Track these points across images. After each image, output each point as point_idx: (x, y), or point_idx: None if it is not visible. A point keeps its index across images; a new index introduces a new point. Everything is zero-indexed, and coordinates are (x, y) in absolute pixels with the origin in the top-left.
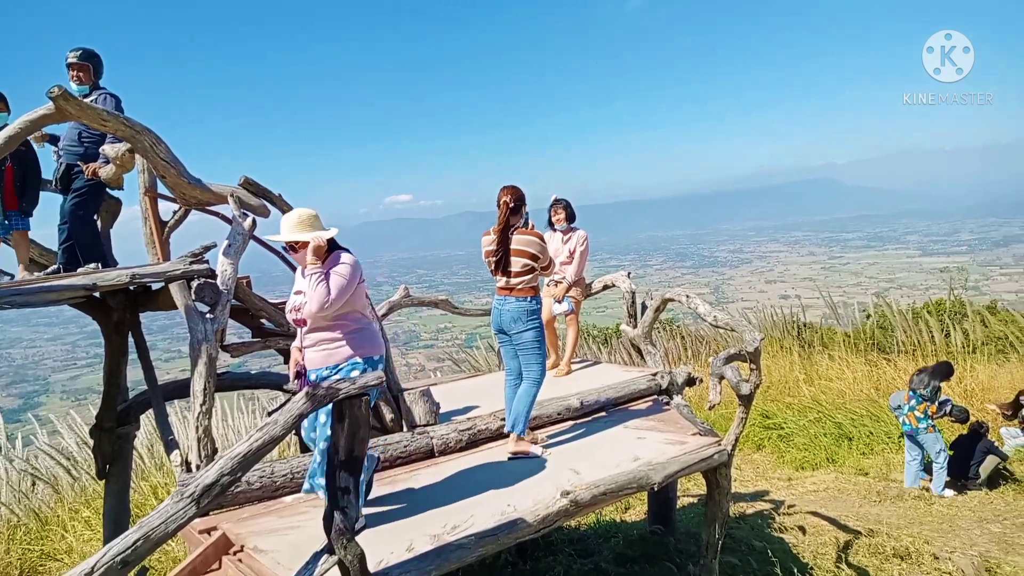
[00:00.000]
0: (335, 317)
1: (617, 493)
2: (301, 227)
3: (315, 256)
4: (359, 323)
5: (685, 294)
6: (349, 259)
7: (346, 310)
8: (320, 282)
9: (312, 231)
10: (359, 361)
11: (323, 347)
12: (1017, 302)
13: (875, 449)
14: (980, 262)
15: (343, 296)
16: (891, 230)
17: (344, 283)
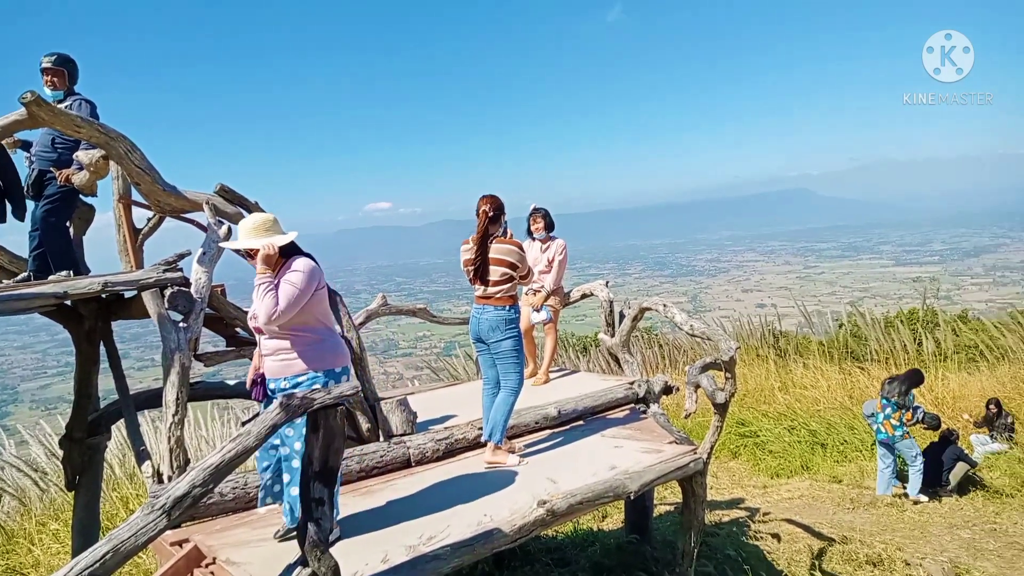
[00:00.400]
0: (291, 327)
1: (594, 502)
2: (255, 233)
3: (265, 264)
4: (317, 333)
5: (662, 303)
6: (303, 265)
7: (302, 319)
8: (268, 292)
9: (267, 237)
10: (319, 375)
11: (280, 357)
12: (987, 311)
13: (849, 457)
14: (952, 272)
15: (294, 306)
16: (865, 240)
17: (296, 292)
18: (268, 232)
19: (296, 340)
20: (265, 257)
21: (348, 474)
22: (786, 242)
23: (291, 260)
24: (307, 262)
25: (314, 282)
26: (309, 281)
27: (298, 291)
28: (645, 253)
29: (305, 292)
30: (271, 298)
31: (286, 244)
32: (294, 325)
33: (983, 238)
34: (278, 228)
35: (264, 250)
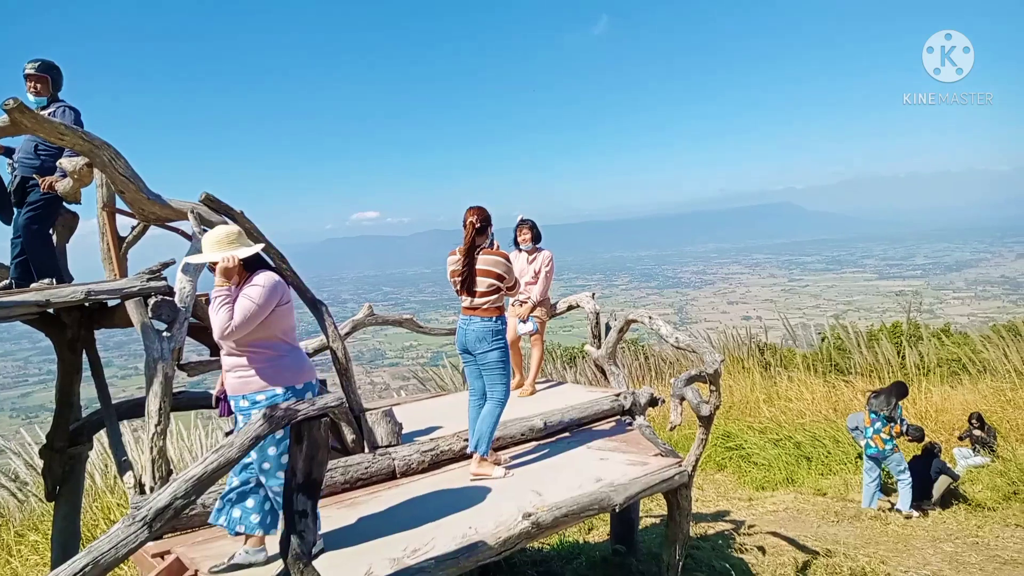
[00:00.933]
0: (249, 342)
1: (579, 515)
2: (217, 246)
3: (223, 277)
4: (277, 349)
5: (648, 315)
6: (263, 279)
7: (262, 335)
8: (223, 306)
9: (230, 250)
10: (278, 392)
11: (238, 374)
12: (969, 325)
13: (833, 469)
14: (934, 286)
15: (251, 321)
16: (849, 254)
17: (253, 307)
18: (231, 245)
19: (254, 357)
20: (224, 270)
21: (332, 486)
22: (771, 255)
23: (253, 274)
24: (269, 276)
25: (275, 297)
26: (269, 296)
27: (256, 306)
28: (632, 265)
29: (264, 307)
30: (226, 312)
31: (250, 257)
32: (252, 341)
33: (964, 253)
34: (243, 241)
35: (223, 263)
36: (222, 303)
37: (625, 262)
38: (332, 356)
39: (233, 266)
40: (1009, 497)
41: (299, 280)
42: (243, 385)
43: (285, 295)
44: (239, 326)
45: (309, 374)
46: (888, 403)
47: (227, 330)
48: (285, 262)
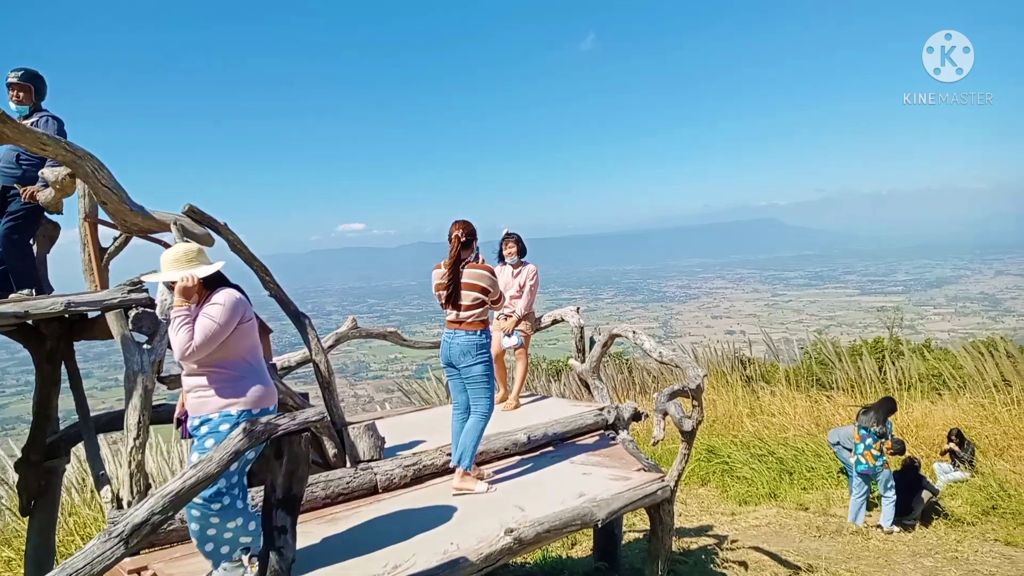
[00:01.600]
0: (209, 362)
1: (561, 530)
2: (176, 265)
3: (182, 296)
4: (236, 369)
5: (632, 330)
6: (224, 298)
7: (222, 354)
8: (183, 326)
9: (189, 268)
10: (231, 413)
11: (197, 394)
12: (950, 341)
13: (815, 484)
14: (915, 302)
15: (213, 340)
16: (831, 269)
17: (214, 326)
18: (190, 263)
19: (213, 376)
20: (183, 289)
21: (313, 501)
22: (755, 270)
23: (213, 292)
24: (230, 294)
25: (236, 315)
26: (230, 314)
27: (216, 325)
28: (617, 278)
29: (225, 326)
30: (185, 332)
31: (211, 276)
32: (213, 361)
33: (945, 269)
34: (203, 259)
35: (181, 281)
36: (181, 323)
37: (610, 276)
38: (315, 369)
39: (192, 285)
40: (988, 512)
41: (282, 293)
42: (200, 405)
43: (247, 313)
44: (200, 346)
45: (267, 399)
46: (879, 419)
47: (188, 350)
48: (268, 275)
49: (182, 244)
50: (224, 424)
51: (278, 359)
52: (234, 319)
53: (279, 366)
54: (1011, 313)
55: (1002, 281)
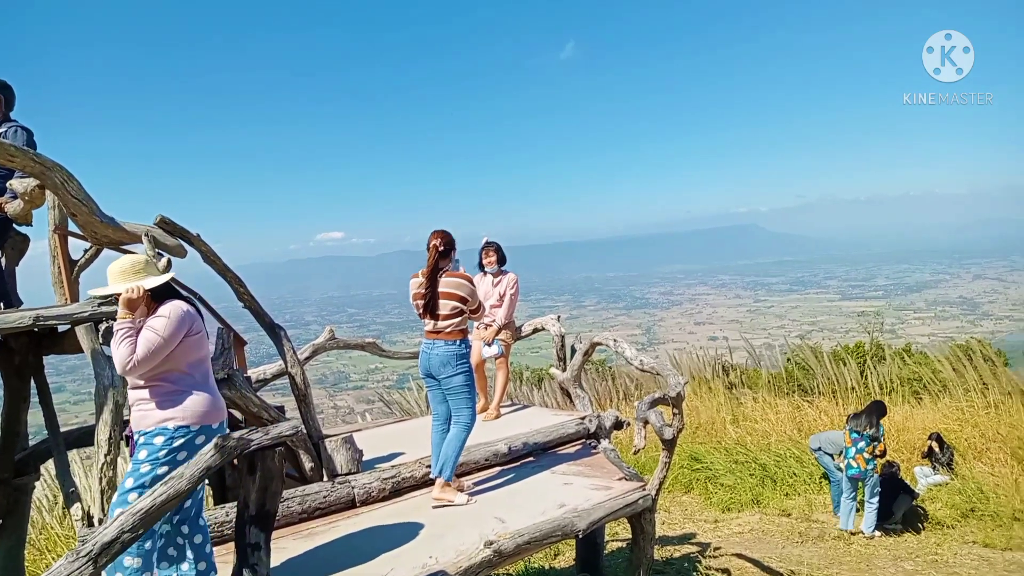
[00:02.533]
0: (153, 376)
1: (542, 541)
2: (123, 277)
3: (127, 308)
4: (180, 384)
5: (612, 338)
6: (169, 310)
7: (166, 368)
8: (125, 339)
9: (136, 280)
10: (168, 428)
11: (139, 407)
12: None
13: (797, 490)
14: (896, 307)
15: (156, 354)
16: (812, 275)
17: (158, 340)
18: (137, 275)
19: (155, 390)
20: (127, 301)
21: (289, 516)
22: (736, 276)
23: (163, 303)
24: (176, 306)
25: (183, 328)
26: (176, 327)
27: (160, 339)
28: (600, 285)
29: (169, 339)
30: (127, 346)
31: (160, 288)
32: (157, 374)
33: (924, 274)
34: (151, 270)
35: (126, 293)
36: (124, 336)
37: (593, 283)
38: (291, 382)
39: (137, 297)
40: (967, 515)
41: (256, 304)
42: (141, 419)
43: (195, 325)
44: (142, 360)
45: (214, 415)
46: (871, 423)
47: (129, 364)
48: (243, 286)
49: (129, 255)
50: (158, 437)
51: (254, 371)
52: (179, 332)
53: (255, 378)
54: (989, 317)
55: (980, 285)
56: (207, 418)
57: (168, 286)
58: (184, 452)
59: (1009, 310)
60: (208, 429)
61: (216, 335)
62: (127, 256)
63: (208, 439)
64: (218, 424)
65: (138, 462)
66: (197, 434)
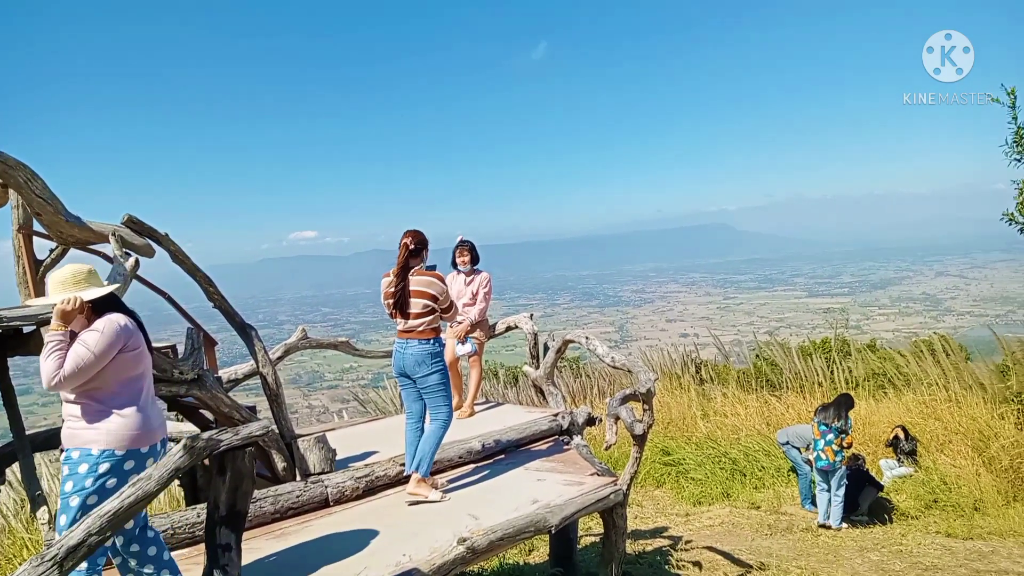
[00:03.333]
0: (84, 392)
1: (515, 538)
2: (63, 287)
3: (61, 320)
4: (109, 403)
5: (585, 336)
6: (103, 324)
7: (96, 384)
8: (53, 353)
9: (76, 291)
10: (92, 453)
11: (69, 424)
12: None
13: (766, 483)
14: (861, 303)
15: (85, 370)
16: (780, 272)
17: (88, 355)
18: (78, 285)
19: (84, 408)
20: (61, 312)
21: (262, 516)
22: (707, 274)
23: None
24: (112, 320)
25: (117, 343)
26: (108, 342)
27: (91, 354)
28: (573, 283)
29: (101, 355)
30: (55, 360)
31: (101, 300)
32: (86, 391)
33: (888, 271)
34: (94, 281)
35: (60, 304)
36: (53, 349)
37: (566, 281)
38: (262, 382)
39: (72, 308)
40: (930, 506)
41: (227, 304)
42: (70, 437)
43: (133, 340)
44: (69, 376)
45: (145, 437)
46: (839, 415)
47: (55, 380)
48: (212, 285)
49: (71, 265)
50: (82, 465)
51: (225, 371)
52: (112, 348)
53: (226, 378)
54: (951, 313)
55: (942, 282)
56: (136, 441)
57: (112, 298)
58: (112, 479)
59: (970, 306)
60: (136, 454)
61: (186, 335)
62: (69, 266)
63: (138, 464)
64: (148, 448)
65: (66, 495)
66: (124, 459)
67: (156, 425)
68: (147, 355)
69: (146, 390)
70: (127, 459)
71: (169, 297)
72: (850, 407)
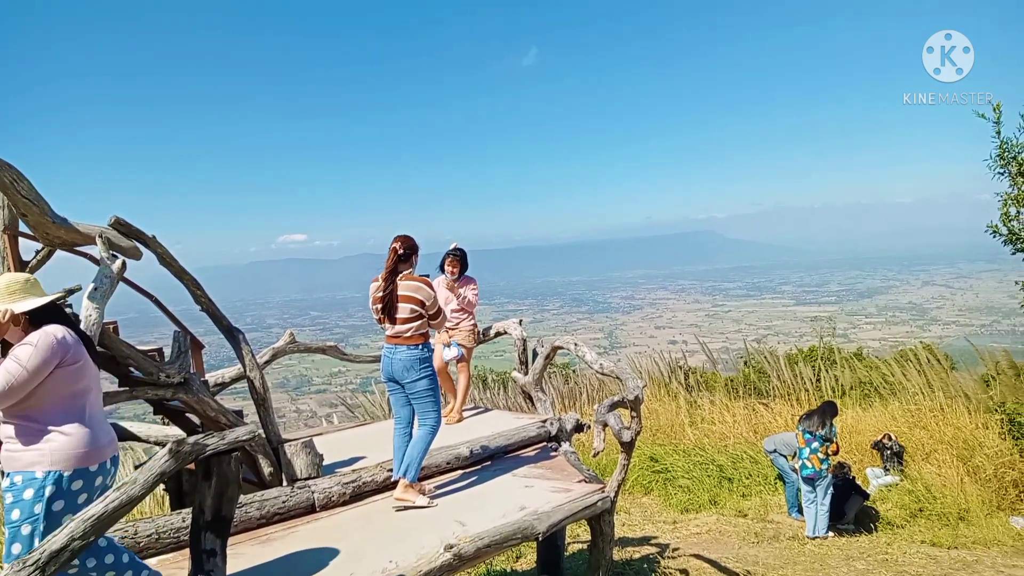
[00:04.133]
0: (19, 411)
1: (502, 544)
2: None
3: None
4: (49, 422)
5: (574, 342)
6: (37, 337)
7: (32, 403)
8: None
9: (9, 302)
10: (36, 476)
11: (7, 446)
12: (881, 349)
13: (753, 491)
14: (848, 312)
15: (18, 388)
16: (767, 280)
17: (20, 372)
18: (12, 295)
19: (20, 428)
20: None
21: (247, 521)
22: (695, 281)
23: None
24: (48, 333)
25: (53, 358)
26: (43, 357)
27: (22, 370)
28: (563, 289)
29: (34, 371)
30: None
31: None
32: (22, 410)
33: (875, 280)
34: (34, 291)
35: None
36: None
37: (556, 287)
38: (249, 386)
39: (4, 321)
40: (915, 515)
41: (214, 307)
42: (9, 460)
43: (72, 354)
44: (1, 394)
45: (92, 456)
46: (823, 423)
47: None
48: (200, 288)
49: (8, 275)
50: (28, 490)
51: (212, 375)
52: (47, 363)
53: (212, 382)
54: (937, 322)
55: (928, 292)
56: (83, 460)
57: (53, 309)
58: (60, 502)
59: (956, 315)
60: (84, 473)
61: (173, 338)
62: (6, 275)
63: (86, 484)
64: (97, 466)
65: (14, 524)
66: (71, 479)
67: (104, 442)
68: (90, 369)
69: (90, 406)
70: (74, 479)
71: (156, 300)
72: (834, 415)
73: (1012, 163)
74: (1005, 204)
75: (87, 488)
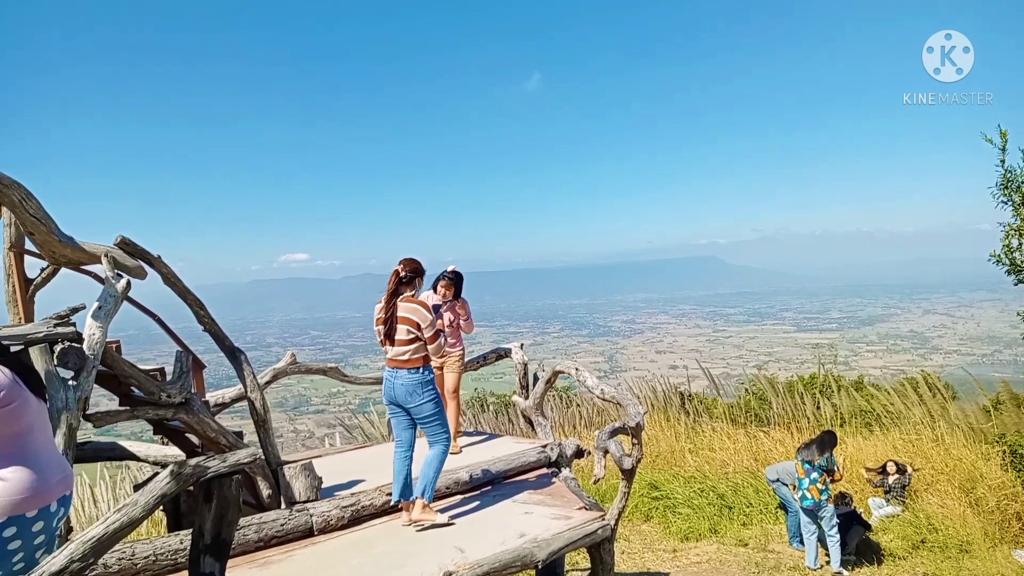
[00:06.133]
0: None
1: (501, 572)
2: None
3: None
4: None
5: (575, 367)
6: None
7: None
8: None
9: None
10: None
11: None
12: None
13: (754, 519)
14: (849, 339)
15: None
16: (768, 306)
17: None
18: None
19: None
20: None
21: (245, 543)
22: (696, 306)
23: None
24: None
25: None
26: None
27: None
28: (564, 312)
29: None
30: None
31: None
32: None
33: (876, 308)
34: None
35: None
36: None
37: (557, 310)
38: (250, 407)
39: None
40: (917, 546)
41: (217, 327)
42: None
43: (6, 395)
44: None
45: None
46: (822, 452)
47: None
48: (203, 309)
49: None
50: None
51: (212, 395)
52: None
53: (213, 402)
54: (938, 351)
55: (929, 320)
56: (20, 507)
57: None
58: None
59: (957, 344)
60: (20, 520)
61: (175, 358)
62: None
63: (20, 531)
64: (37, 511)
65: None
66: (4, 527)
67: (52, 482)
68: (32, 408)
69: (33, 447)
70: (7, 526)
71: (159, 319)
72: (833, 444)
73: (1016, 193)
74: (1007, 235)
75: (21, 535)
